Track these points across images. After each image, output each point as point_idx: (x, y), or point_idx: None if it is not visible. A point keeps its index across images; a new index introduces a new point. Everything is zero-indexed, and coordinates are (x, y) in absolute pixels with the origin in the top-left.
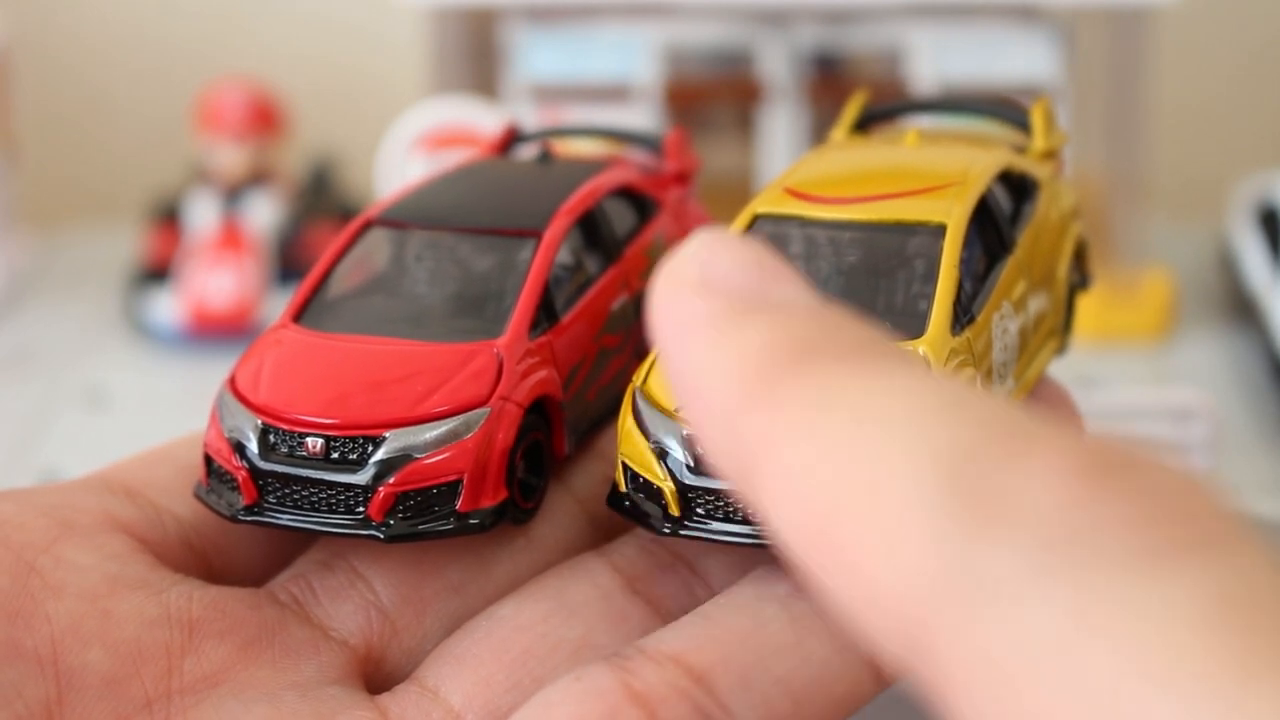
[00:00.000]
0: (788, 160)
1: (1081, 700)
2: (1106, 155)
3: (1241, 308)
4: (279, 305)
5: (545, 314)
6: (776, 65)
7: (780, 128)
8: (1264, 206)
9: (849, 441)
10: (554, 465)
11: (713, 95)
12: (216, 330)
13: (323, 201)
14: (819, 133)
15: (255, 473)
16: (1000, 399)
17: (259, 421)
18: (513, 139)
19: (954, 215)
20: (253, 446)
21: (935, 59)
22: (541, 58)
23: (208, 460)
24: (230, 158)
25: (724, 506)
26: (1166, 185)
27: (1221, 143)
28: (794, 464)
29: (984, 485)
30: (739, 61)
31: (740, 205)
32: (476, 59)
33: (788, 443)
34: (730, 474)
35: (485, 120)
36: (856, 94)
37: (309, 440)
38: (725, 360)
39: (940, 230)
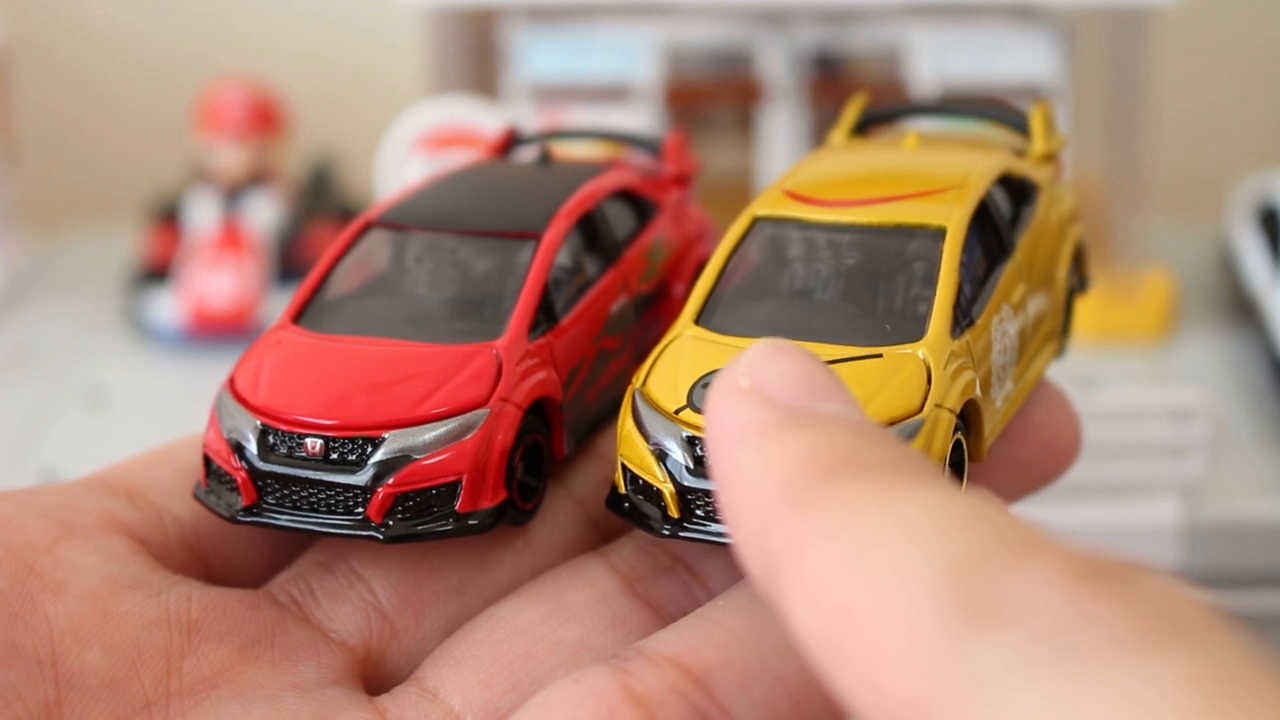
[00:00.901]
0: (787, 160)
1: None
2: (1106, 155)
3: (1241, 308)
4: (279, 305)
5: (544, 315)
6: (776, 65)
7: (780, 128)
8: (1264, 206)
9: (867, 549)
10: (553, 466)
11: (713, 95)
12: (216, 330)
13: (323, 201)
14: (819, 133)
15: (254, 473)
16: (1004, 514)
17: (258, 422)
18: (512, 141)
19: (954, 218)
20: (252, 447)
21: (935, 59)
22: (541, 58)
23: (207, 461)
24: (230, 158)
25: None
26: (1166, 185)
27: (1221, 143)
28: (814, 567)
29: (985, 590)
30: (739, 61)
31: (740, 205)
32: (476, 59)
33: (811, 547)
34: (756, 574)
35: (485, 120)
36: (856, 96)
37: (308, 441)
38: (766, 468)
39: (940, 233)
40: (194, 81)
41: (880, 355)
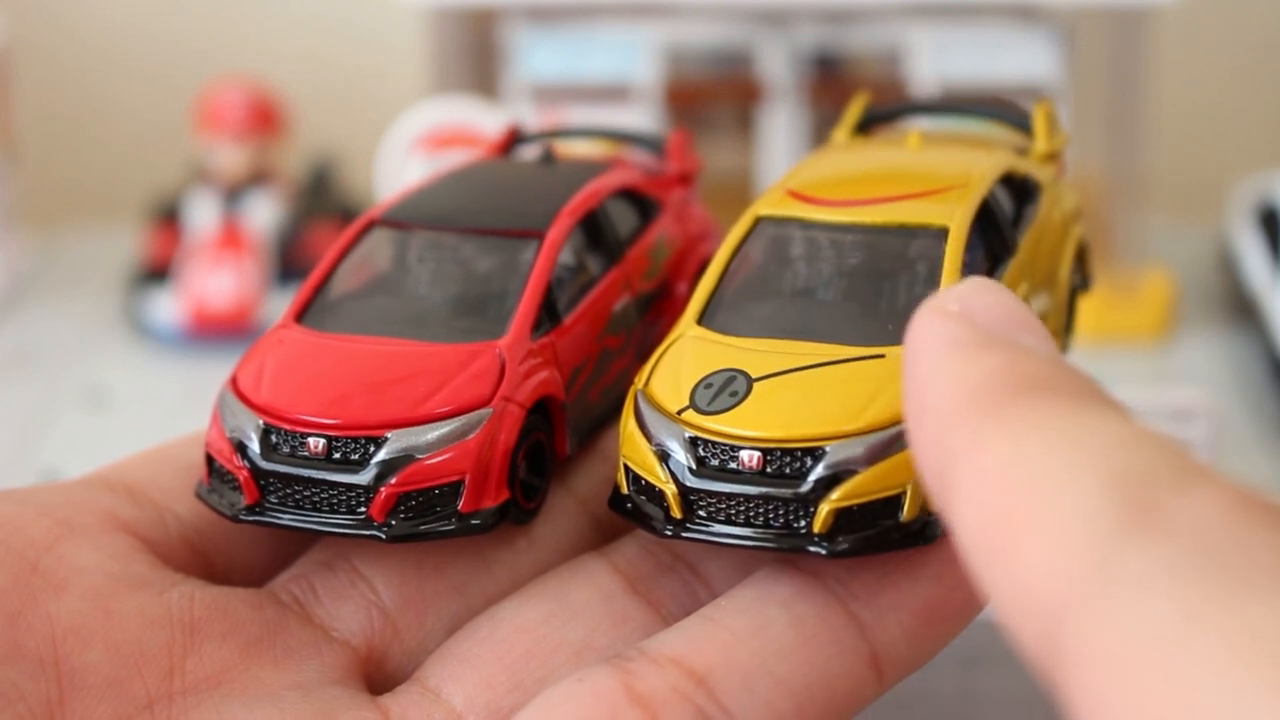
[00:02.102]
0: (788, 160)
1: (1185, 689)
2: (1106, 155)
3: (1241, 308)
4: (279, 305)
5: (547, 315)
6: (776, 65)
7: (780, 128)
8: (1264, 206)
9: (1040, 458)
10: (556, 466)
11: (713, 95)
12: (216, 330)
13: (323, 201)
14: (819, 133)
15: (257, 472)
16: (1178, 444)
17: (261, 421)
18: (515, 140)
19: (956, 218)
20: (254, 446)
21: (935, 59)
22: (541, 58)
23: (209, 460)
24: (230, 158)
25: (726, 509)
26: (1166, 185)
27: (1221, 143)
28: (987, 466)
29: (1147, 503)
30: (739, 61)
31: (740, 205)
32: (476, 59)
33: (987, 451)
34: (927, 473)
35: (485, 120)
36: (858, 95)
37: (311, 440)
38: (958, 376)
39: (943, 233)
40: (194, 81)
41: (883, 355)
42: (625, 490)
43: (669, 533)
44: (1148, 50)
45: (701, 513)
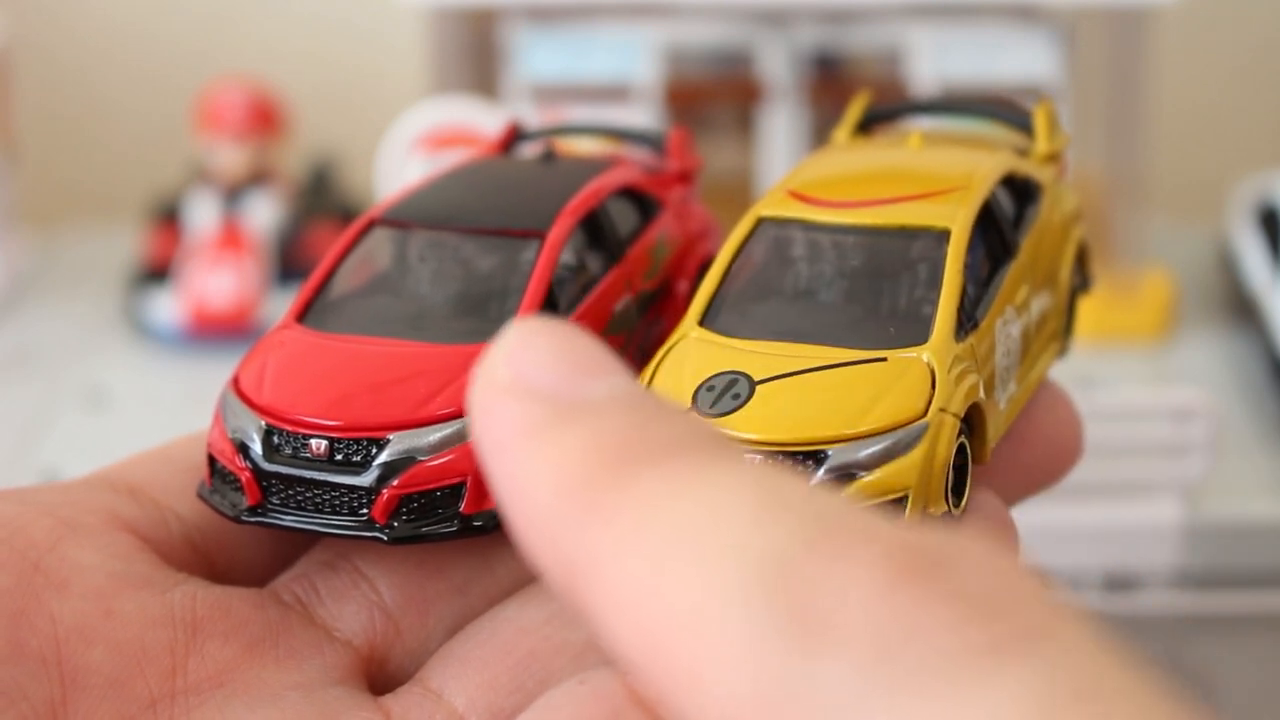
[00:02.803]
0: (788, 160)
1: None
2: (1106, 155)
3: (1241, 308)
4: (279, 305)
5: (548, 315)
6: (776, 65)
7: (780, 128)
8: (1264, 206)
9: (669, 561)
10: None
11: (713, 95)
12: (216, 330)
13: (323, 201)
14: (819, 133)
15: (259, 473)
16: (819, 490)
17: (263, 422)
18: (515, 137)
19: (958, 220)
20: (256, 447)
21: (935, 59)
22: (541, 58)
23: (211, 460)
24: (230, 158)
25: None
26: (1166, 185)
27: (1221, 143)
28: (620, 585)
29: (802, 596)
30: (739, 61)
31: (740, 205)
32: (476, 59)
33: (611, 562)
34: (558, 587)
35: (485, 120)
36: (859, 95)
37: (313, 442)
38: (542, 474)
39: (944, 235)
40: (194, 81)
41: (884, 359)
42: None
43: None
44: (1148, 50)
45: None
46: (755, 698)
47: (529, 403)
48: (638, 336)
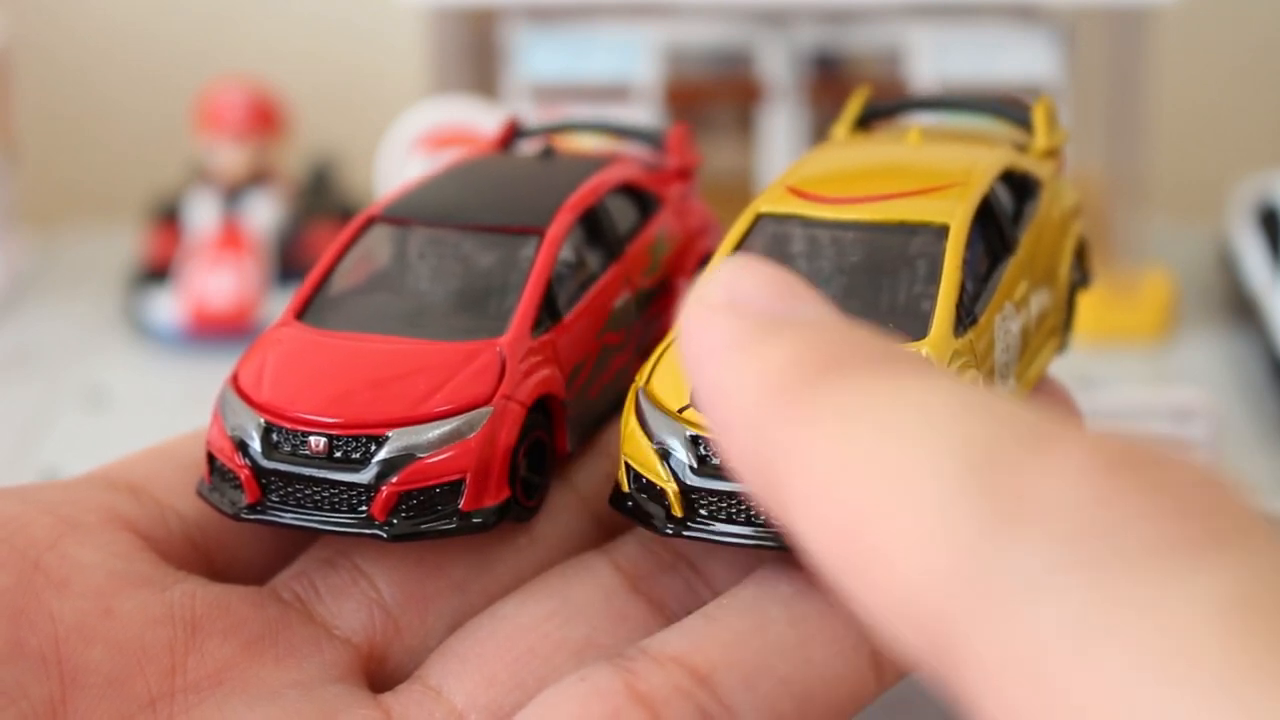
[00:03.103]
0: (788, 160)
1: (1095, 700)
2: (1106, 155)
3: (1241, 308)
4: (279, 305)
5: (548, 312)
6: (776, 65)
7: (780, 128)
8: (1264, 206)
9: (874, 448)
10: (556, 463)
11: (713, 95)
12: (216, 330)
13: (323, 201)
14: (819, 133)
15: (258, 471)
16: (1016, 400)
17: (262, 420)
18: (514, 134)
19: (957, 216)
20: (256, 445)
21: (935, 59)
22: (541, 58)
23: (210, 458)
24: (230, 158)
25: (727, 507)
26: (1166, 185)
27: (1221, 143)
28: (822, 472)
29: (1005, 483)
30: (739, 61)
31: (740, 205)
32: (476, 59)
33: (816, 452)
34: (754, 484)
35: (485, 120)
36: (858, 90)
37: (312, 439)
38: (752, 375)
39: (943, 231)
40: (194, 81)
41: None
42: (626, 488)
43: (670, 531)
44: (1148, 50)
45: (703, 511)
46: (951, 573)
47: (740, 318)
48: (637, 333)
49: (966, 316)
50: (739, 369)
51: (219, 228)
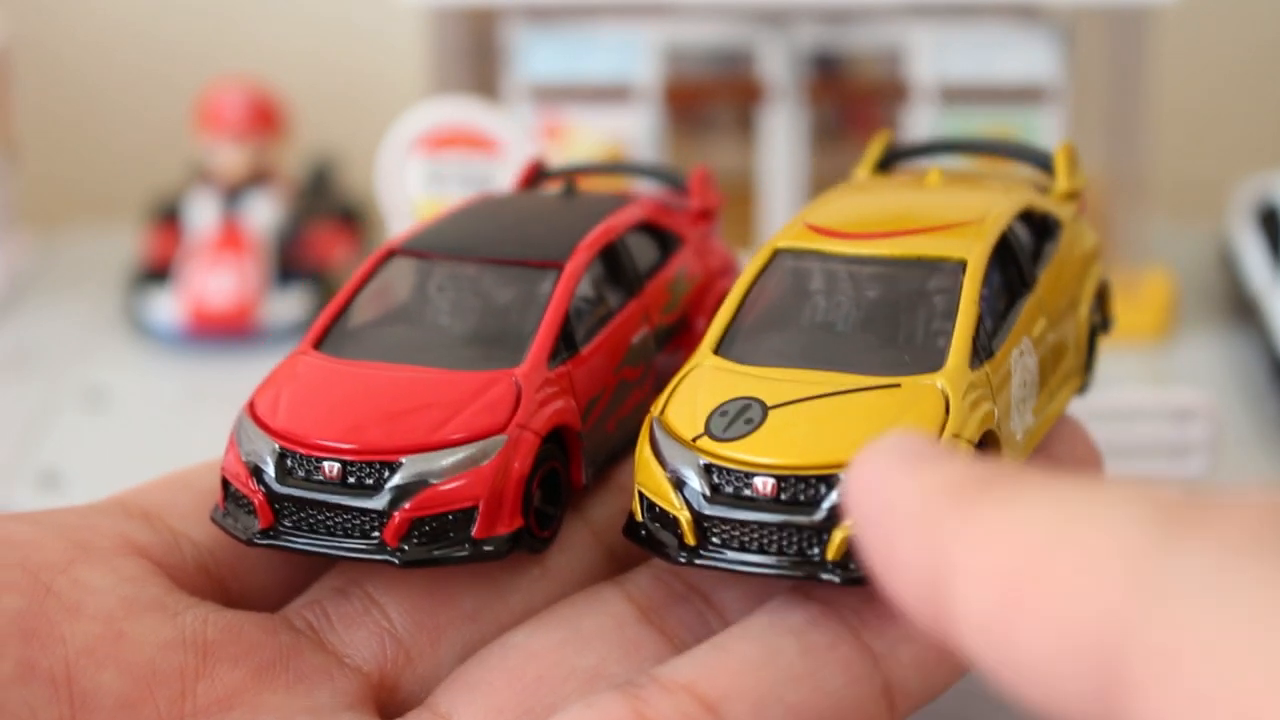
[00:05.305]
0: (788, 160)
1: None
2: (1106, 155)
3: (1241, 308)
4: (279, 305)
5: (565, 344)
6: (776, 65)
7: (780, 128)
8: (1264, 206)
9: (1051, 508)
10: (571, 496)
11: (713, 95)
12: (216, 330)
13: (323, 201)
14: (819, 133)
15: (272, 496)
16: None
17: (276, 446)
18: (537, 174)
19: (975, 252)
20: (270, 470)
21: (935, 59)
22: (541, 58)
23: (225, 484)
24: (230, 158)
25: (740, 536)
26: (1166, 185)
27: (1221, 143)
28: (991, 535)
29: (1185, 514)
30: (739, 61)
31: (741, 205)
32: (476, 59)
33: (987, 521)
34: (918, 583)
35: (485, 120)
36: (879, 135)
37: (326, 465)
38: (920, 484)
39: (961, 266)
40: (194, 81)
41: (898, 385)
42: (640, 517)
43: (683, 559)
44: (1148, 50)
45: (715, 539)
46: (1123, 579)
47: (901, 453)
48: (655, 369)
49: (983, 350)
50: (902, 484)
51: (219, 228)
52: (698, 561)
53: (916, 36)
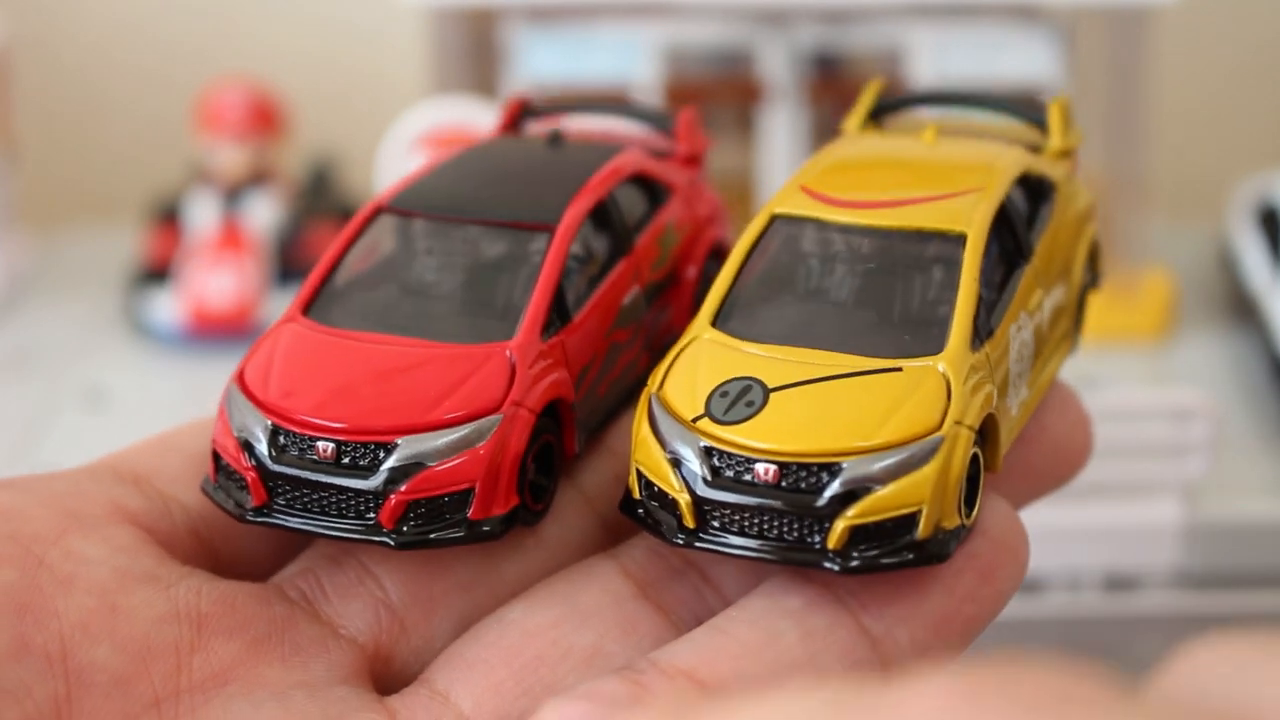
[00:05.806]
0: (788, 160)
1: None
2: (1106, 155)
3: (1241, 308)
4: (279, 305)
5: (557, 314)
6: (776, 65)
7: (780, 127)
8: (1264, 206)
9: None
10: (564, 464)
11: (713, 95)
12: (216, 330)
13: (323, 201)
14: (819, 132)
15: (265, 474)
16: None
17: (269, 422)
18: (522, 113)
19: (975, 224)
20: (263, 447)
21: (935, 59)
22: (541, 58)
23: (216, 456)
24: (230, 158)
25: (740, 520)
26: (1166, 185)
27: (1221, 143)
28: None
29: (855, 707)
30: (739, 61)
31: (741, 205)
32: (476, 59)
33: None
34: None
35: (485, 120)
36: (871, 83)
37: (320, 444)
38: None
39: (960, 239)
40: (194, 81)
41: (899, 369)
42: (637, 495)
43: (680, 541)
44: (1148, 50)
45: (715, 523)
46: None
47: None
48: (645, 327)
49: (983, 329)
50: None
51: (219, 228)
52: (697, 544)
53: (916, 36)
